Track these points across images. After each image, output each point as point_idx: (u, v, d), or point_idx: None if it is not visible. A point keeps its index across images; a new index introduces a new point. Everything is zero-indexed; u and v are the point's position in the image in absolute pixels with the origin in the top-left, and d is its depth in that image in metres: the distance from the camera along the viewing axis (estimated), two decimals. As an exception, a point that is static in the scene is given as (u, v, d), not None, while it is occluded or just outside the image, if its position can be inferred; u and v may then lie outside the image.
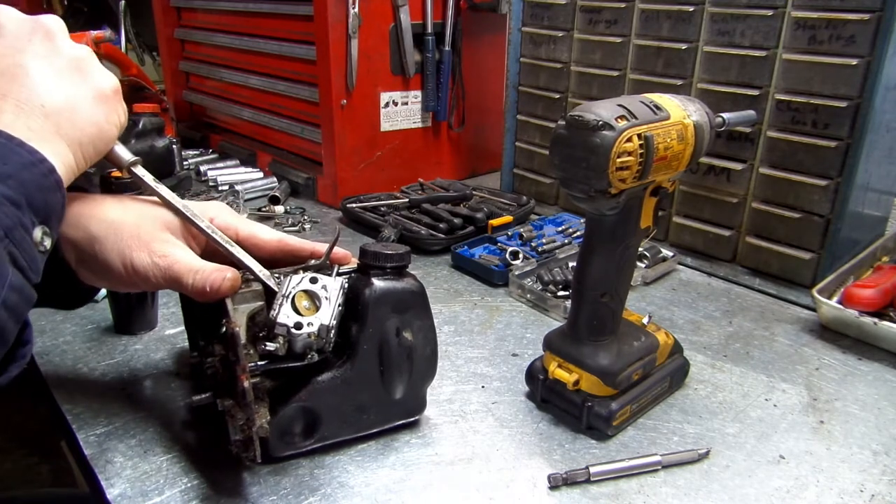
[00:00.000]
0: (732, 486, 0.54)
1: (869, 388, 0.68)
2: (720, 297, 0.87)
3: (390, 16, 1.11)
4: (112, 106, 0.51)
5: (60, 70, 0.48)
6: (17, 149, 0.42)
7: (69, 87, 0.48)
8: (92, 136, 0.48)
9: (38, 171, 0.42)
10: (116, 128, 0.51)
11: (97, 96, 0.49)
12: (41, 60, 0.47)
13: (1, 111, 0.43)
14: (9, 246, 0.38)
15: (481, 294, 0.87)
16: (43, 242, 0.42)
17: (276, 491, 0.53)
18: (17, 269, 0.39)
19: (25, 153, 0.42)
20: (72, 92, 0.47)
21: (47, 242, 0.43)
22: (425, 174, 1.21)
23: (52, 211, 0.43)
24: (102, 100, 0.50)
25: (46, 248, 0.43)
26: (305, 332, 0.49)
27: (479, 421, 0.62)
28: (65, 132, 0.46)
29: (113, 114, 0.51)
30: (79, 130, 0.47)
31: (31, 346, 0.43)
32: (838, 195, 0.80)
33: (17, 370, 0.42)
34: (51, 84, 0.46)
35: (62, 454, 1.45)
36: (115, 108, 0.51)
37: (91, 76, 0.50)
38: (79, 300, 0.59)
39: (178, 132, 1.46)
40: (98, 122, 0.49)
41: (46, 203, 0.42)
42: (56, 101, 0.46)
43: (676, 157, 0.57)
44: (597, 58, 1.00)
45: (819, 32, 0.78)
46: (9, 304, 0.38)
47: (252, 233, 0.58)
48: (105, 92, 0.50)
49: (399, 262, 0.55)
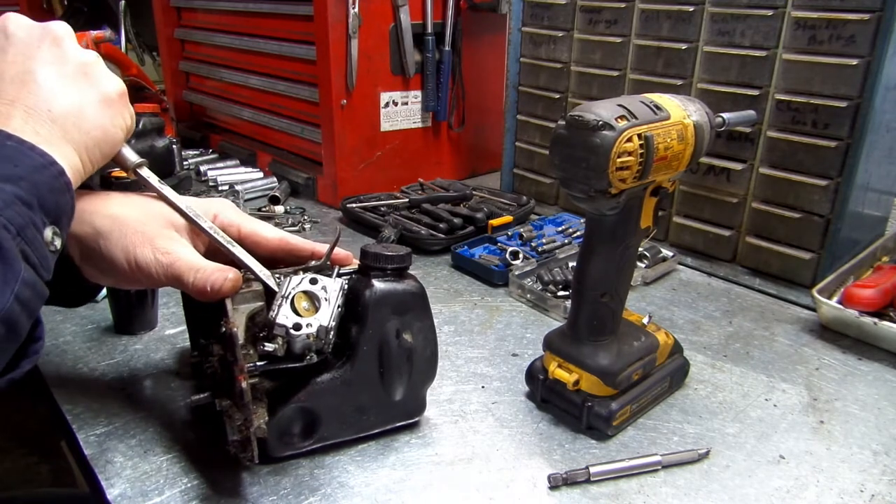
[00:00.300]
0: (732, 486, 0.54)
1: (869, 388, 0.68)
2: (720, 297, 0.87)
3: (390, 16, 1.11)
4: (118, 110, 0.52)
5: (67, 75, 0.49)
6: (28, 152, 0.43)
7: (76, 92, 0.49)
8: (98, 139, 0.49)
9: (49, 174, 0.44)
10: (122, 131, 0.52)
11: (103, 100, 0.50)
12: (49, 66, 0.48)
13: (10, 116, 0.45)
14: (21, 244, 0.40)
15: (481, 294, 0.87)
16: (53, 242, 0.43)
17: (275, 491, 0.53)
18: (29, 266, 0.40)
19: (37, 156, 0.43)
20: (78, 97, 0.49)
21: (57, 242, 0.44)
22: (425, 174, 1.21)
23: (62, 212, 0.45)
24: (108, 104, 0.51)
25: (56, 248, 0.44)
26: (304, 333, 0.49)
27: (479, 421, 0.62)
28: (71, 136, 0.47)
29: (118, 117, 0.52)
30: (85, 134, 0.48)
31: (42, 343, 0.44)
32: (838, 195, 0.80)
33: (28, 365, 0.43)
34: (58, 89, 0.48)
35: (62, 454, 1.45)
36: (120, 112, 0.52)
37: (98, 81, 0.51)
38: (82, 298, 0.59)
39: (178, 132, 1.46)
40: (104, 126, 0.50)
41: (57, 204, 0.44)
42: (63, 105, 0.47)
43: (676, 157, 0.57)
44: (597, 58, 1.00)
45: (819, 32, 0.78)
46: (22, 299, 0.39)
47: (254, 230, 0.58)
48: (111, 96, 0.51)
49: (400, 264, 0.55)
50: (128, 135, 0.53)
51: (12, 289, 0.38)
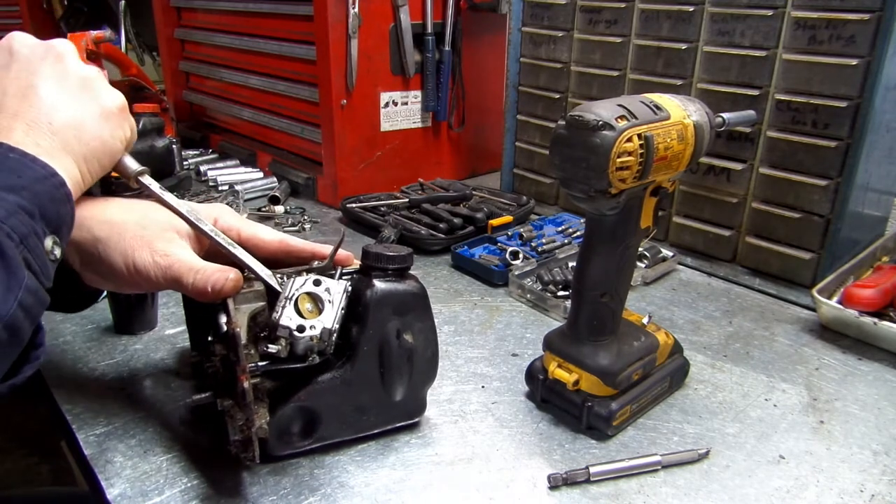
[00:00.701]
0: (732, 486, 0.54)
1: (869, 388, 0.68)
2: (720, 297, 0.87)
3: (390, 16, 1.11)
4: (118, 122, 0.53)
5: (68, 89, 0.50)
6: (30, 164, 0.44)
7: (76, 105, 0.50)
8: (97, 150, 0.50)
9: (51, 184, 0.45)
10: (122, 143, 0.53)
11: (103, 113, 0.51)
12: (51, 81, 0.49)
13: (13, 129, 0.46)
14: (24, 252, 0.41)
15: (481, 294, 0.87)
16: (53, 251, 0.44)
17: (276, 491, 0.53)
18: (31, 273, 0.41)
19: (38, 168, 0.45)
20: (78, 110, 0.50)
21: (57, 252, 0.45)
22: (425, 174, 1.21)
23: (62, 222, 0.46)
24: (108, 117, 0.52)
25: (56, 257, 0.45)
26: (308, 335, 0.50)
27: (479, 421, 0.62)
28: (71, 148, 0.48)
29: (118, 129, 0.52)
30: (84, 146, 0.49)
31: (44, 349, 0.45)
32: (838, 195, 0.80)
33: (30, 371, 0.44)
34: (59, 103, 0.49)
35: (62, 454, 1.45)
36: (120, 125, 0.53)
37: (98, 95, 0.52)
38: (82, 303, 0.60)
39: (178, 132, 1.45)
40: (102, 138, 0.51)
41: (58, 214, 0.45)
42: (63, 118, 0.48)
43: (676, 157, 0.57)
44: (597, 58, 1.00)
45: (819, 32, 0.78)
46: (25, 305, 0.40)
47: (254, 233, 0.59)
48: (111, 109, 0.52)
49: (401, 264, 0.55)
50: (128, 147, 0.54)
51: (16, 295, 0.39)
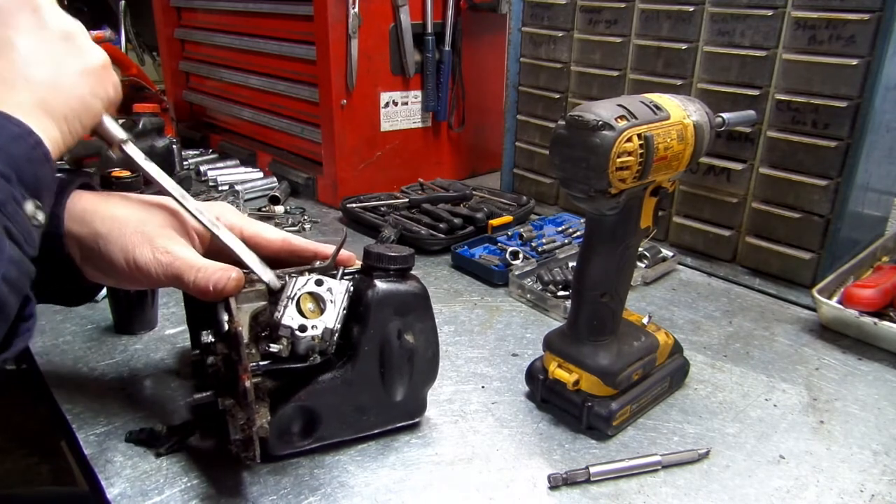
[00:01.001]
0: (732, 486, 0.54)
1: (869, 388, 0.68)
2: (720, 297, 0.87)
3: (390, 16, 1.11)
4: (99, 80, 0.50)
5: (46, 43, 0.47)
6: (3, 122, 0.41)
7: (54, 60, 0.47)
8: (76, 109, 0.48)
9: (27, 144, 0.42)
10: (102, 101, 0.51)
11: (84, 70, 0.49)
12: (27, 35, 0.46)
13: None
14: (3, 220, 0.38)
15: (481, 294, 0.87)
16: (35, 216, 0.41)
17: (276, 490, 0.53)
18: (13, 243, 0.39)
19: (13, 126, 0.42)
20: (57, 66, 0.47)
21: (40, 216, 0.42)
22: (425, 174, 1.21)
23: (42, 184, 0.43)
24: (89, 73, 0.49)
25: (40, 222, 0.42)
26: (309, 335, 0.49)
27: (479, 421, 0.62)
28: (49, 106, 0.46)
29: (99, 87, 0.50)
30: (63, 104, 0.47)
31: (34, 321, 0.42)
32: (838, 195, 0.80)
33: (21, 344, 0.41)
34: (35, 58, 0.46)
35: (62, 454, 1.45)
36: (102, 83, 0.50)
37: (79, 49, 0.49)
38: (82, 297, 0.59)
39: (178, 132, 1.46)
40: (82, 96, 0.48)
41: (36, 176, 0.42)
42: (40, 75, 0.46)
43: (676, 157, 0.57)
44: (597, 58, 1.00)
45: (819, 32, 0.78)
46: (9, 279, 0.38)
47: (257, 232, 0.59)
48: (93, 66, 0.49)
49: (403, 265, 0.55)
50: (110, 106, 0.52)
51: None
